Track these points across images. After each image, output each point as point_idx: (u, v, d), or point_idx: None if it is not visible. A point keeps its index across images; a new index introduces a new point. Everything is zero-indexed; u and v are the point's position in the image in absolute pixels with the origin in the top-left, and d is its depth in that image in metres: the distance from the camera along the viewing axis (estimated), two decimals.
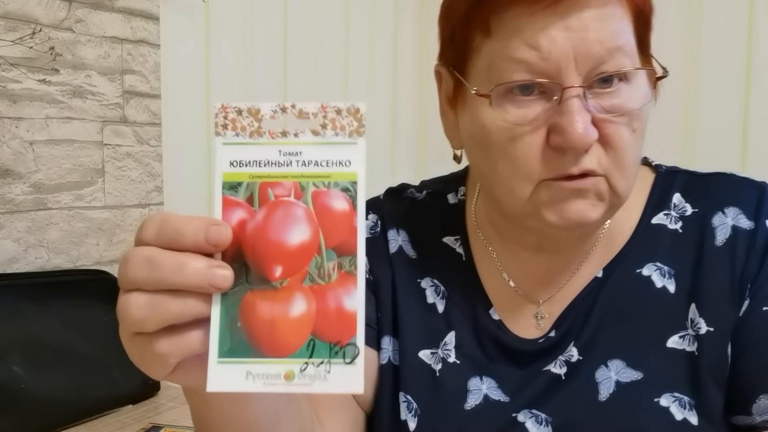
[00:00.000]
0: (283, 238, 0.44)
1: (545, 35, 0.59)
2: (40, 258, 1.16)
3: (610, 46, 0.59)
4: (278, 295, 0.44)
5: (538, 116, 0.61)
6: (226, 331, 0.43)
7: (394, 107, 1.93)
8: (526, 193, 0.63)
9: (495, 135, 0.63)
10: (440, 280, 0.76)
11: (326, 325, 0.44)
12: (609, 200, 0.63)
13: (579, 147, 0.59)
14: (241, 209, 0.44)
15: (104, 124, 1.24)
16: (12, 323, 1.03)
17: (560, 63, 0.59)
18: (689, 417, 0.64)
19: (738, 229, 0.67)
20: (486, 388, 0.70)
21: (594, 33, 0.59)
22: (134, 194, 1.29)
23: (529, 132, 0.61)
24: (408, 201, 0.81)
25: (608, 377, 0.67)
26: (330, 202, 0.44)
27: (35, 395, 1.01)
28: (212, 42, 1.44)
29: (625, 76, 0.61)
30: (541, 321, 0.71)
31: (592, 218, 0.63)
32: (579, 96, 0.59)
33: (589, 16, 0.59)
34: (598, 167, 0.61)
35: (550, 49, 0.59)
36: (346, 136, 0.45)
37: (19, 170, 1.13)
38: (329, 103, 0.45)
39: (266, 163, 0.45)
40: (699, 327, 0.66)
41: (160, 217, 0.45)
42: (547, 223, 0.64)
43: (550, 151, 0.61)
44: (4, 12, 1.10)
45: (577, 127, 0.59)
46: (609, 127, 0.61)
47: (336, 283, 0.44)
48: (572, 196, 0.62)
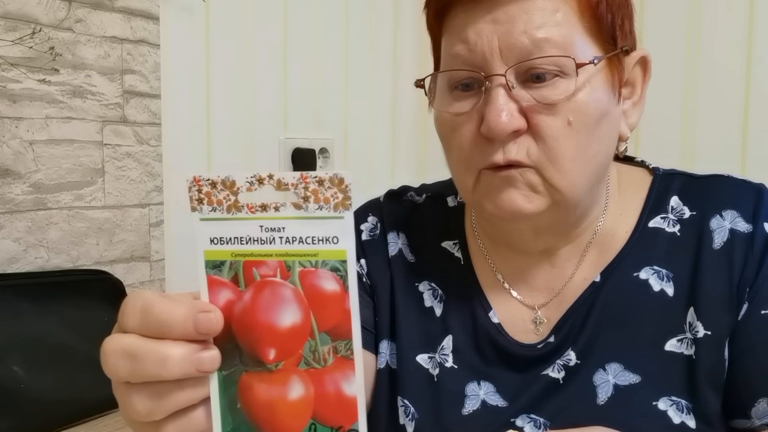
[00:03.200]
0: (273, 321, 0.42)
1: (473, 29, 0.62)
2: (40, 258, 1.16)
3: (537, 37, 0.60)
4: (274, 378, 0.42)
5: (472, 107, 0.63)
6: (227, 411, 0.42)
7: (394, 107, 1.93)
8: (470, 183, 0.66)
9: (441, 127, 0.67)
10: (438, 283, 0.76)
11: (326, 410, 0.42)
12: (548, 194, 0.63)
13: (497, 133, 0.61)
14: (227, 289, 0.42)
15: (104, 124, 1.24)
16: (12, 323, 1.03)
17: (485, 54, 0.61)
18: (687, 420, 0.64)
19: (736, 233, 0.67)
20: (483, 393, 0.70)
21: (520, 24, 0.60)
22: (134, 194, 1.29)
23: (465, 122, 0.64)
24: (408, 204, 0.82)
25: (606, 381, 0.67)
26: (319, 283, 0.41)
27: (35, 395, 1.01)
28: (212, 42, 1.44)
29: (561, 71, 0.61)
30: (540, 326, 0.71)
31: (526, 210, 0.63)
32: (501, 85, 0.61)
33: (516, 8, 0.60)
34: (525, 158, 0.62)
35: (476, 41, 0.61)
36: (330, 209, 0.41)
37: (19, 170, 1.13)
38: (310, 174, 0.41)
39: (248, 240, 0.42)
40: (697, 331, 0.66)
41: (141, 306, 0.42)
42: (488, 213, 0.66)
43: (482, 141, 0.63)
44: (4, 12, 1.10)
45: (495, 113, 0.60)
46: (538, 118, 0.61)
47: (333, 367, 0.42)
48: (503, 186, 0.63)
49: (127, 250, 1.29)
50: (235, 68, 1.49)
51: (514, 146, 0.62)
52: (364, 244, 0.79)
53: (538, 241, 0.70)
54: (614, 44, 0.64)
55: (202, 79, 1.43)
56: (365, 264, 0.78)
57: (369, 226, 0.80)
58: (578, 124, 0.62)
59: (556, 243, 0.71)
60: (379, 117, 1.89)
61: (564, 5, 0.61)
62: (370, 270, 0.78)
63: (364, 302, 0.77)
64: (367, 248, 0.79)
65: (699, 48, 1.62)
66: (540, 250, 0.71)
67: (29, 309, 1.07)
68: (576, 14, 0.62)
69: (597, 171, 0.65)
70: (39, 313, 1.08)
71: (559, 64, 0.61)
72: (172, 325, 0.41)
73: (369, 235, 0.80)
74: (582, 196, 0.65)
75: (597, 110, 0.63)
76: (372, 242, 0.79)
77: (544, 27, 0.60)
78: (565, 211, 0.66)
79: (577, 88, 0.61)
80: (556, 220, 0.67)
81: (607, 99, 0.64)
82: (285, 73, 1.60)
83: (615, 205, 0.72)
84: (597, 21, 0.63)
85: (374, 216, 0.81)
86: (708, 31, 1.62)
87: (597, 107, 0.62)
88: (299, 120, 1.64)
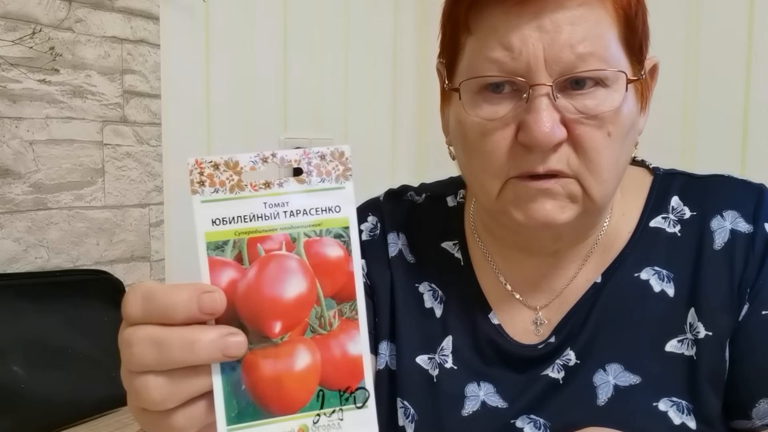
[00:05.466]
0: (279, 293, 0.43)
1: (518, 35, 0.59)
2: (40, 258, 1.16)
3: (581, 51, 0.59)
4: (280, 351, 0.43)
5: (508, 113, 0.61)
6: (231, 395, 0.42)
7: (394, 107, 1.92)
8: (495, 190, 0.64)
9: (469, 130, 0.64)
10: (438, 284, 0.76)
11: (333, 374, 0.43)
12: (582, 203, 0.63)
13: (542, 144, 0.59)
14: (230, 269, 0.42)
15: (104, 124, 1.24)
16: (12, 323, 1.03)
17: (530, 62, 0.59)
18: (687, 421, 0.64)
19: (736, 233, 0.67)
20: (483, 394, 0.70)
21: (565, 35, 0.59)
22: (134, 194, 1.29)
23: (499, 128, 0.62)
24: (408, 204, 0.81)
25: (606, 381, 0.67)
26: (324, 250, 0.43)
27: (35, 395, 1.01)
28: (212, 42, 1.44)
29: (602, 81, 0.60)
30: (541, 327, 0.71)
31: (559, 219, 0.62)
32: (547, 94, 0.59)
33: (563, 17, 0.59)
34: (566, 168, 0.61)
35: (521, 48, 0.59)
36: (333, 181, 0.43)
37: (19, 170, 1.13)
38: (311, 149, 0.43)
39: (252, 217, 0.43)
40: (698, 331, 0.66)
41: (143, 294, 0.42)
42: (515, 221, 0.64)
43: (519, 148, 0.61)
44: (4, 12, 1.10)
45: (541, 124, 0.59)
46: (579, 128, 0.61)
47: (338, 330, 0.43)
48: (539, 196, 0.62)
49: (127, 250, 1.29)
50: (235, 68, 1.49)
51: (554, 156, 0.61)
52: (364, 244, 0.79)
53: (554, 245, 0.70)
54: (642, 54, 0.64)
55: (202, 79, 1.43)
56: (365, 265, 0.78)
57: (369, 226, 0.80)
58: (616, 135, 0.61)
59: (568, 245, 0.71)
60: (379, 116, 1.89)
61: (606, 16, 0.60)
62: (370, 271, 0.78)
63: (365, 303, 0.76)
64: (367, 249, 0.78)
65: (699, 48, 1.62)
66: (550, 252, 0.71)
67: (29, 309, 1.07)
68: (615, 25, 0.61)
69: (621, 178, 0.66)
70: (39, 313, 1.08)
71: (603, 76, 0.60)
72: (176, 308, 0.41)
73: (369, 235, 0.79)
74: (608, 203, 0.66)
75: (630, 121, 0.63)
76: (372, 243, 0.79)
77: (588, 39, 0.59)
78: (591, 218, 0.67)
79: (623, 99, 0.61)
80: (581, 225, 0.68)
81: (636, 110, 0.64)
82: (285, 73, 1.60)
83: (619, 206, 0.72)
84: (632, 32, 0.62)
85: (374, 216, 0.80)
86: (708, 31, 1.62)
87: (630, 118, 0.63)
88: (299, 119, 1.64)
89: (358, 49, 1.80)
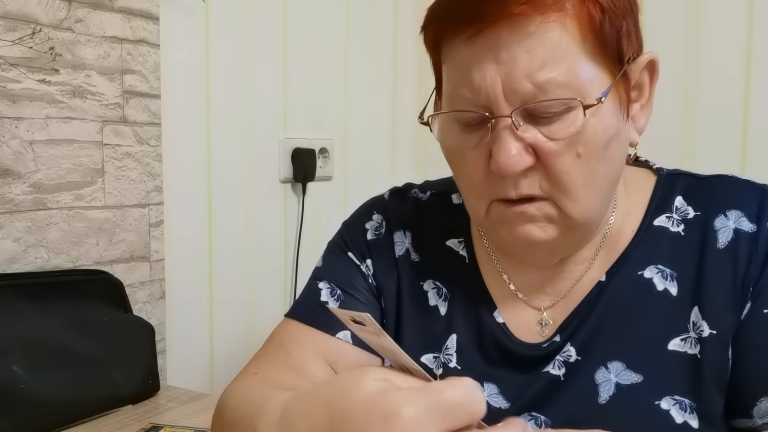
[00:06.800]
0: None
1: (478, 70, 0.60)
2: (39, 258, 1.16)
3: (539, 80, 0.58)
4: None
5: (480, 142, 0.63)
6: None
7: (393, 107, 1.92)
8: (482, 210, 0.66)
9: (450, 154, 0.67)
10: (443, 282, 0.75)
11: None
12: (562, 222, 0.64)
13: (507, 173, 0.61)
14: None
15: (104, 124, 1.24)
16: (12, 323, 1.03)
17: (489, 96, 0.60)
18: (690, 420, 0.64)
19: (740, 232, 0.67)
20: (487, 395, 0.70)
21: (521, 66, 0.58)
22: (134, 194, 1.29)
23: (475, 155, 0.64)
24: (412, 202, 0.81)
25: (608, 379, 0.67)
26: None
27: (35, 395, 1.01)
28: (212, 42, 1.44)
29: (568, 105, 0.60)
30: (545, 327, 0.71)
31: (542, 239, 0.64)
32: (508, 126, 0.60)
33: (518, 47, 0.58)
34: (539, 191, 0.62)
35: (480, 83, 0.60)
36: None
37: (18, 170, 1.13)
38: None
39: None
40: (702, 330, 0.66)
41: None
42: (504, 240, 0.66)
43: (493, 175, 0.63)
44: (4, 12, 1.09)
45: (504, 154, 0.60)
46: (546, 153, 0.61)
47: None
48: (518, 219, 0.64)
49: (127, 250, 1.29)
50: (235, 68, 1.49)
51: (525, 181, 0.62)
52: (370, 244, 0.78)
53: (553, 259, 0.71)
54: (620, 61, 0.62)
55: (202, 79, 1.43)
56: (371, 265, 0.78)
57: (374, 224, 0.80)
58: (588, 154, 0.61)
59: (569, 255, 0.71)
60: (379, 117, 1.88)
61: (565, 35, 0.59)
62: (376, 271, 0.77)
63: (371, 305, 0.76)
64: (372, 248, 0.78)
65: (699, 48, 1.62)
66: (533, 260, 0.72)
67: (29, 309, 1.07)
68: (578, 42, 0.59)
69: (608, 189, 0.65)
70: (39, 313, 1.07)
71: (565, 102, 0.59)
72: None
73: (374, 234, 0.79)
74: (595, 216, 0.66)
75: (606, 137, 0.62)
76: (378, 242, 0.79)
77: (547, 66, 0.58)
78: (580, 232, 0.67)
79: (585, 122, 0.60)
80: (570, 240, 0.68)
81: (615, 122, 0.63)
82: (285, 73, 1.60)
83: (622, 206, 0.72)
84: (600, 43, 0.60)
85: (379, 214, 0.80)
86: (708, 31, 1.61)
87: (606, 134, 0.62)
88: (299, 120, 1.64)
89: (358, 50, 1.80)
